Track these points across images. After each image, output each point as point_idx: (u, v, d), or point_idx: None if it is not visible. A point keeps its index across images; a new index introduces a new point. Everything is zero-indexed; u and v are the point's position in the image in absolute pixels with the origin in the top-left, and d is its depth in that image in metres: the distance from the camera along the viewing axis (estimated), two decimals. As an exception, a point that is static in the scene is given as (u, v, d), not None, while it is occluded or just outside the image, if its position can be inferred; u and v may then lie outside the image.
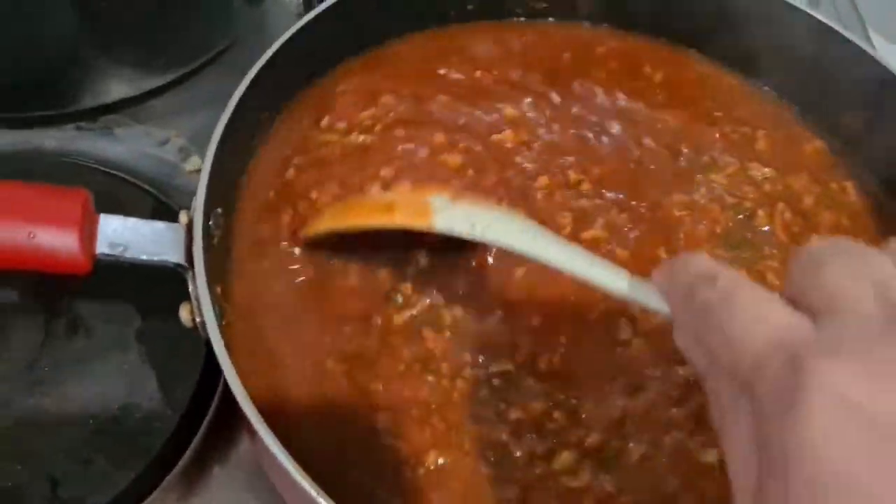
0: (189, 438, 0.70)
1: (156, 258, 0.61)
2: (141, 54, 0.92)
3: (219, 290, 0.65)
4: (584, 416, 0.62)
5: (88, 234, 0.60)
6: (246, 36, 0.97)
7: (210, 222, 0.64)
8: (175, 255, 0.61)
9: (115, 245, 0.61)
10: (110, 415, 0.69)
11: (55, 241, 0.58)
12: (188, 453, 0.69)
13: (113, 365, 0.72)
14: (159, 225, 0.62)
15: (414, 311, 0.67)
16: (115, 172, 0.85)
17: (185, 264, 0.61)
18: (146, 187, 0.83)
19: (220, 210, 0.68)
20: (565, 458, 0.60)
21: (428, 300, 0.67)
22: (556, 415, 0.62)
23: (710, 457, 0.61)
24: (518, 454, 0.61)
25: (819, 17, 0.80)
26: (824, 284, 0.34)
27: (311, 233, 0.68)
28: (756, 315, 0.34)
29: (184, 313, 0.61)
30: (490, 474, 0.59)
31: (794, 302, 0.35)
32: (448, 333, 0.66)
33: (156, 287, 0.63)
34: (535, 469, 0.60)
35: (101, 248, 0.60)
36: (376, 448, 0.61)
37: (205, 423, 0.71)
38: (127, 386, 0.71)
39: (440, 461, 0.60)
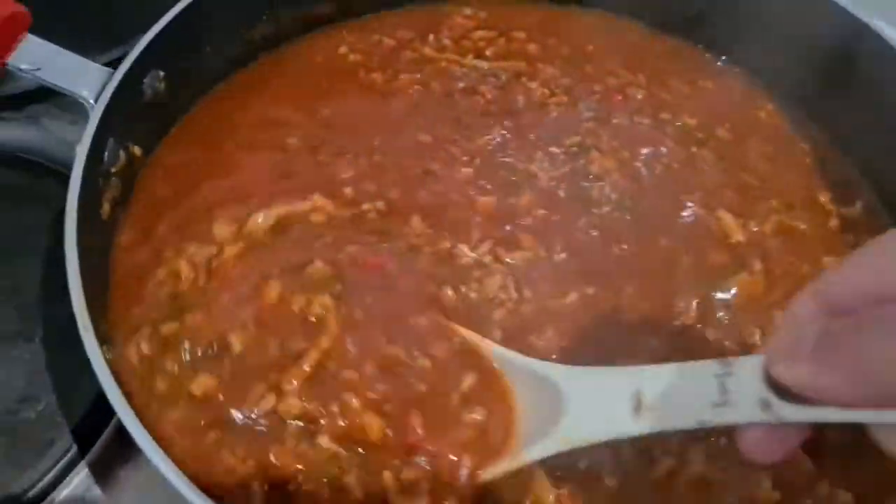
0: (95, 435, 0.65)
1: (65, 87, 0.66)
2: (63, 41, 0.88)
3: (136, 149, 0.68)
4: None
5: (5, 43, 0.65)
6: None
7: (145, 79, 0.68)
8: (84, 90, 0.65)
9: (32, 63, 0.65)
10: (7, 408, 0.65)
11: None
12: (94, 450, 0.64)
13: (15, 355, 0.68)
14: (89, 63, 0.67)
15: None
16: (33, 159, 0.81)
17: (91, 101, 0.64)
18: (65, 172, 0.77)
19: (161, 73, 0.69)
20: None
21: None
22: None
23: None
24: None
25: None
26: None
27: None
28: None
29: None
30: None
31: None
32: None
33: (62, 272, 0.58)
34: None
35: (15, 61, 0.65)
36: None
37: (113, 420, 0.66)
38: (27, 378, 0.66)
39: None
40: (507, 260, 0.66)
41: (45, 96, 0.89)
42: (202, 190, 0.69)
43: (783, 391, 0.40)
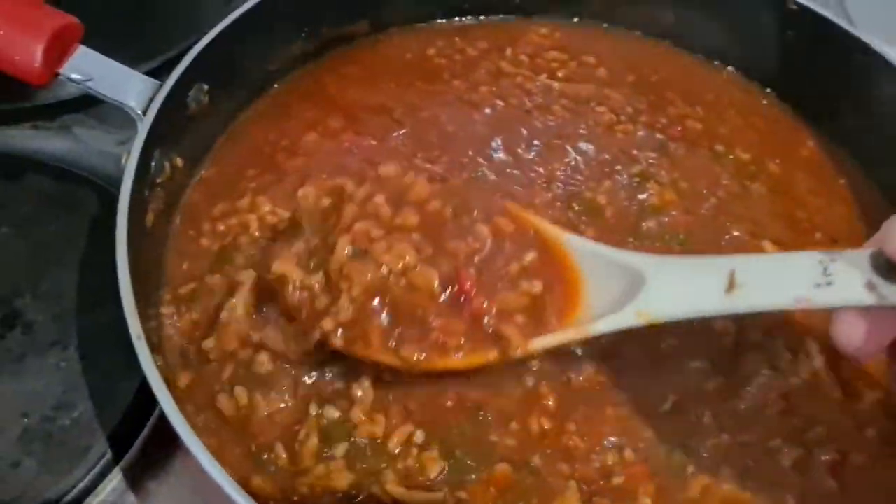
0: (129, 441, 0.65)
1: (115, 98, 0.68)
2: (105, 50, 0.89)
3: (179, 160, 0.70)
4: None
5: (58, 54, 0.67)
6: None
7: (190, 92, 0.70)
8: (133, 102, 0.67)
9: (84, 74, 0.68)
10: (43, 415, 0.65)
11: (18, 44, 0.66)
12: (127, 457, 0.65)
13: (50, 363, 0.68)
14: (138, 75, 0.69)
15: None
16: (67, 168, 0.82)
17: (139, 112, 0.66)
18: (100, 182, 0.80)
19: (205, 86, 0.71)
20: None
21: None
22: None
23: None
24: None
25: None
26: None
27: None
28: None
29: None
30: None
31: None
32: None
33: (98, 280, 0.61)
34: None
35: (67, 71, 0.68)
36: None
37: (147, 426, 0.66)
38: (63, 384, 0.67)
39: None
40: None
41: (77, 106, 0.90)
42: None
43: (890, 275, 0.41)
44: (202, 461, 0.48)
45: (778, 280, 0.46)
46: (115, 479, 0.64)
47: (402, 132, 0.79)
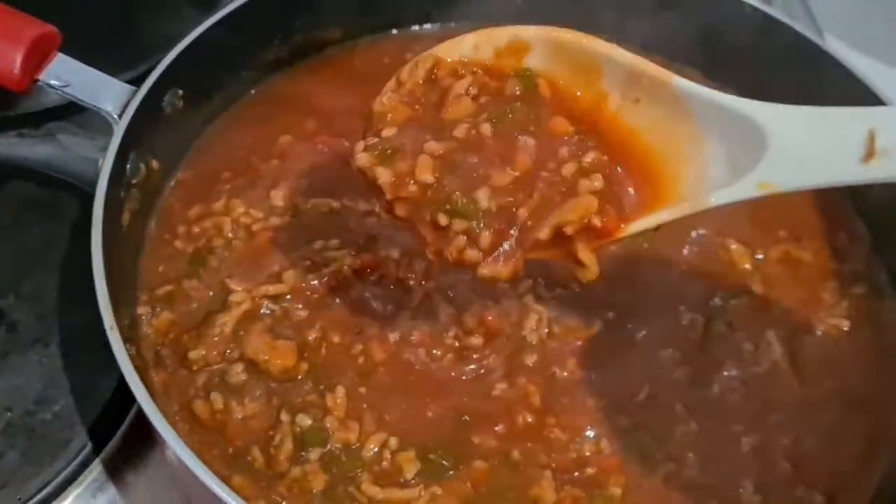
0: (109, 435, 0.68)
1: (91, 103, 0.70)
2: (86, 59, 0.91)
3: (155, 163, 0.72)
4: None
5: (37, 61, 0.69)
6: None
7: (165, 97, 0.72)
8: (109, 106, 0.69)
9: (62, 80, 0.70)
10: (26, 409, 0.67)
11: None
12: (107, 449, 0.67)
13: (32, 360, 0.70)
14: (114, 81, 0.71)
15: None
16: (51, 174, 0.84)
17: (115, 116, 0.68)
18: (82, 187, 0.82)
19: (180, 91, 0.73)
20: None
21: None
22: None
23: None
24: None
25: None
26: None
27: None
28: None
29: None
30: None
31: None
32: None
33: (79, 282, 0.63)
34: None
35: (46, 77, 0.70)
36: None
37: (127, 419, 0.68)
38: (44, 380, 0.69)
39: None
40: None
41: (62, 114, 0.92)
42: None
43: None
44: (175, 448, 0.50)
45: None
46: (96, 470, 0.66)
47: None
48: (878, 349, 0.71)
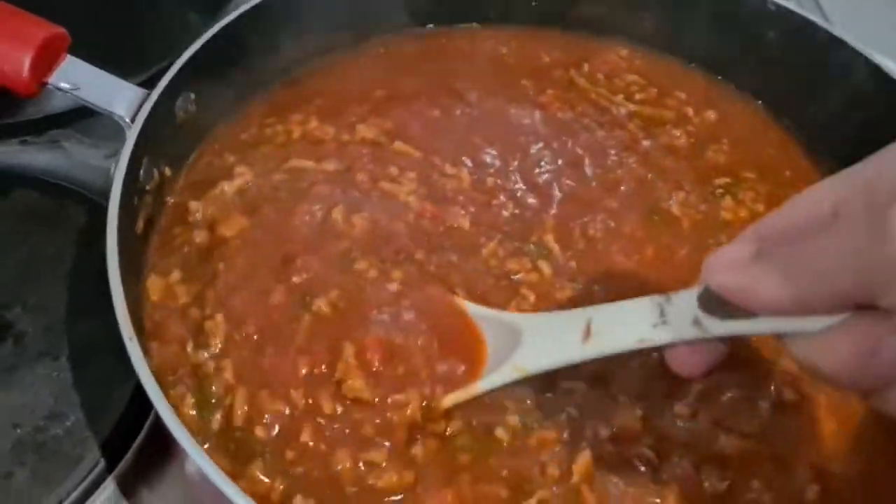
0: (122, 450, 0.65)
1: (103, 107, 0.68)
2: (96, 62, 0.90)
3: (168, 169, 0.70)
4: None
5: (46, 64, 0.68)
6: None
7: (177, 101, 0.70)
8: (121, 110, 0.67)
9: (71, 83, 0.68)
10: (35, 425, 0.65)
11: (7, 55, 0.67)
12: (121, 466, 0.64)
13: (41, 373, 0.68)
14: (126, 83, 0.69)
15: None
16: (55, 182, 0.82)
17: (128, 121, 0.66)
18: (88, 195, 0.81)
19: (192, 95, 0.71)
20: None
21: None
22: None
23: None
24: None
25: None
26: None
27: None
28: None
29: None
30: None
31: None
32: None
33: (87, 291, 0.62)
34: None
35: (56, 80, 0.69)
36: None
37: (141, 434, 0.66)
38: (54, 395, 0.66)
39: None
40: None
41: (66, 121, 0.91)
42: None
43: (711, 310, 0.46)
44: (199, 461, 0.48)
45: (624, 325, 0.51)
46: (109, 488, 0.64)
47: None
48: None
